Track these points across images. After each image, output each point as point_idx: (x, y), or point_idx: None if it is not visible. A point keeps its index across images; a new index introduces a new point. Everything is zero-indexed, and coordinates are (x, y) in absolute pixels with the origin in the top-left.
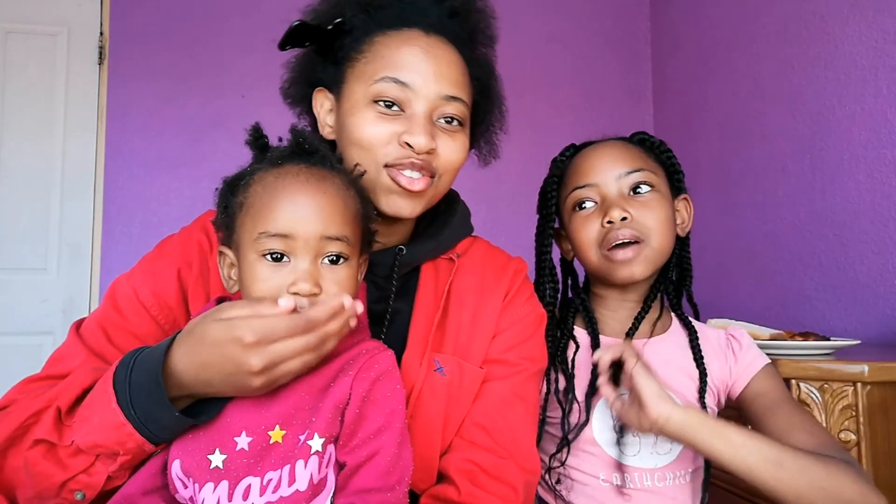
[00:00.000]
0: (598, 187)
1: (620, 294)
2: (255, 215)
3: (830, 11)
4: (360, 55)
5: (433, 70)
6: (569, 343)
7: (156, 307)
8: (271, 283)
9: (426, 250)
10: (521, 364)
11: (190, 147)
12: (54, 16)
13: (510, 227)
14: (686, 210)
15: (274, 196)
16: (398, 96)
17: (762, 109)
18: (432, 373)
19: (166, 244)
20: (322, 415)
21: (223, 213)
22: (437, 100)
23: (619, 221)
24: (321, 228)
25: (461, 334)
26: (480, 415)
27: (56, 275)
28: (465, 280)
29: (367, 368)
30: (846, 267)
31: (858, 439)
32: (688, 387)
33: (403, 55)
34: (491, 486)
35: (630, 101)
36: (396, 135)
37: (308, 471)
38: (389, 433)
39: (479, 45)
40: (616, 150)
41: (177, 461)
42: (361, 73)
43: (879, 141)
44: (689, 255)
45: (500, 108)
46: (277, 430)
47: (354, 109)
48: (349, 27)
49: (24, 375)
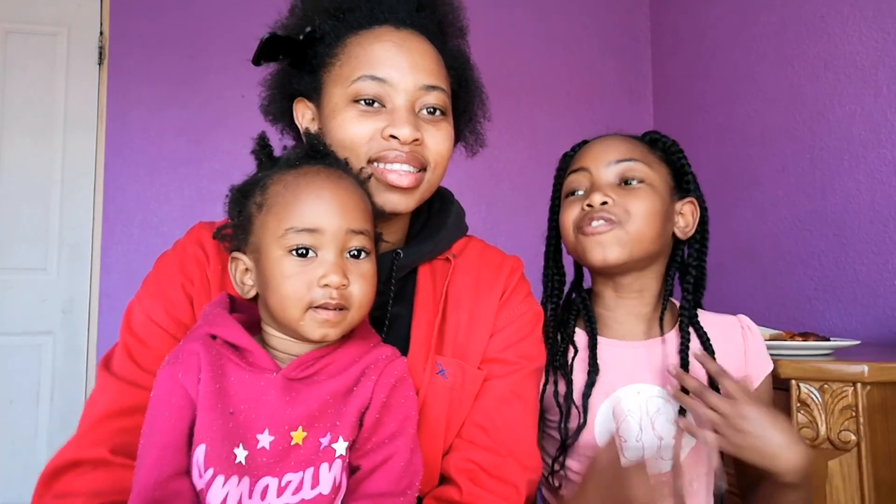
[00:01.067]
0: (588, 173)
1: (616, 291)
2: (279, 212)
3: (830, 11)
4: (334, 59)
5: (408, 62)
6: (568, 347)
7: (172, 325)
8: (301, 278)
9: (423, 252)
10: (518, 363)
11: (190, 147)
12: (54, 16)
13: (510, 227)
14: (691, 214)
15: (298, 193)
16: (377, 93)
17: (762, 109)
18: (435, 376)
19: (164, 262)
20: (346, 419)
21: (237, 217)
22: (416, 91)
23: (598, 205)
24: (347, 222)
25: (459, 335)
26: (479, 414)
27: (56, 275)
28: (461, 280)
29: (387, 374)
30: (846, 267)
31: (858, 439)
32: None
33: (377, 51)
34: (492, 485)
35: (630, 101)
36: (379, 130)
37: (332, 474)
38: (403, 438)
39: (451, 37)
40: (613, 141)
41: (202, 446)
42: (338, 76)
43: (879, 141)
44: (702, 262)
45: (481, 96)
46: (300, 432)
47: (335, 112)
48: (320, 34)
49: (24, 375)
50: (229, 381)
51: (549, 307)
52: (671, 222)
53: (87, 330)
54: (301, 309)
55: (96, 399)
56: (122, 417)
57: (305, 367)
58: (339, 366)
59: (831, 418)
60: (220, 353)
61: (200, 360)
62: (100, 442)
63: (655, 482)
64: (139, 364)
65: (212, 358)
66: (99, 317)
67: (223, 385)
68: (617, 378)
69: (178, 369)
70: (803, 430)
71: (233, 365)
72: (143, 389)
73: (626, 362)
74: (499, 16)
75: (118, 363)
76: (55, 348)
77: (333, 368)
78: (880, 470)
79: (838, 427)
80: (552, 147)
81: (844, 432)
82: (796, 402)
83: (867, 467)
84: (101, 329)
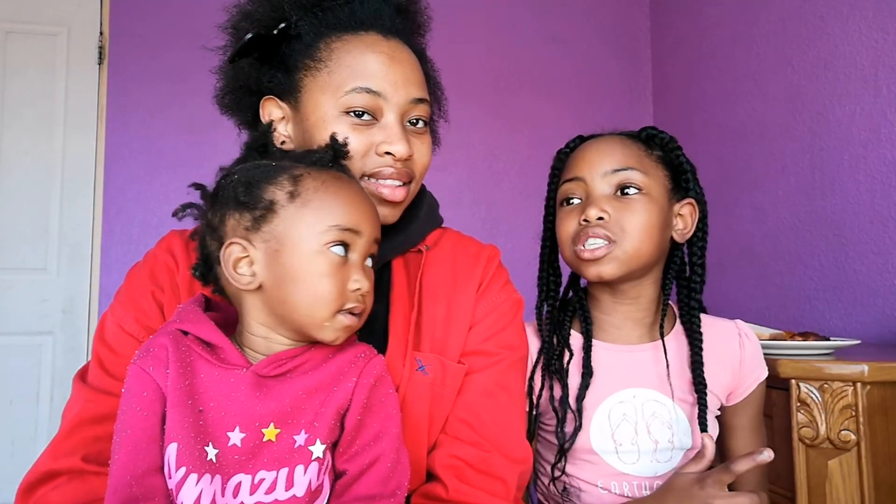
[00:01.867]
0: (583, 183)
1: (611, 296)
2: (319, 207)
3: (830, 11)
4: (318, 63)
5: (401, 76)
6: (564, 351)
7: (143, 333)
8: (336, 278)
9: (395, 245)
10: (500, 353)
11: (190, 147)
12: (54, 16)
13: (510, 227)
14: (690, 215)
15: (340, 193)
16: (370, 105)
17: (762, 109)
18: (414, 372)
19: (135, 273)
20: (325, 420)
21: (261, 206)
22: (406, 104)
23: (594, 220)
24: (377, 230)
25: (437, 329)
26: (463, 409)
27: (56, 275)
28: (436, 273)
29: (366, 374)
30: (846, 267)
31: (858, 439)
32: (687, 392)
33: (370, 63)
34: (478, 480)
35: (630, 100)
36: (374, 144)
37: (307, 477)
38: (388, 439)
39: (420, 38)
40: (609, 147)
41: (174, 444)
42: (326, 83)
43: (879, 141)
44: (701, 262)
45: (441, 97)
46: (272, 428)
47: (324, 122)
48: (296, 32)
49: (24, 375)
50: (199, 377)
51: (545, 309)
52: (669, 228)
53: (87, 330)
54: (332, 310)
55: (70, 409)
56: (94, 425)
57: (278, 364)
58: (314, 363)
59: (831, 418)
60: (190, 349)
61: (168, 355)
62: (72, 451)
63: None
64: (110, 373)
65: (180, 354)
66: (99, 317)
67: (192, 382)
68: (613, 382)
69: (149, 363)
70: (803, 430)
71: (202, 361)
72: (115, 397)
73: (623, 366)
74: (499, 15)
75: (91, 374)
76: (55, 348)
77: (307, 365)
78: (880, 470)
79: (838, 427)
80: (552, 147)
81: (844, 432)
82: (796, 402)
83: (867, 467)
84: None
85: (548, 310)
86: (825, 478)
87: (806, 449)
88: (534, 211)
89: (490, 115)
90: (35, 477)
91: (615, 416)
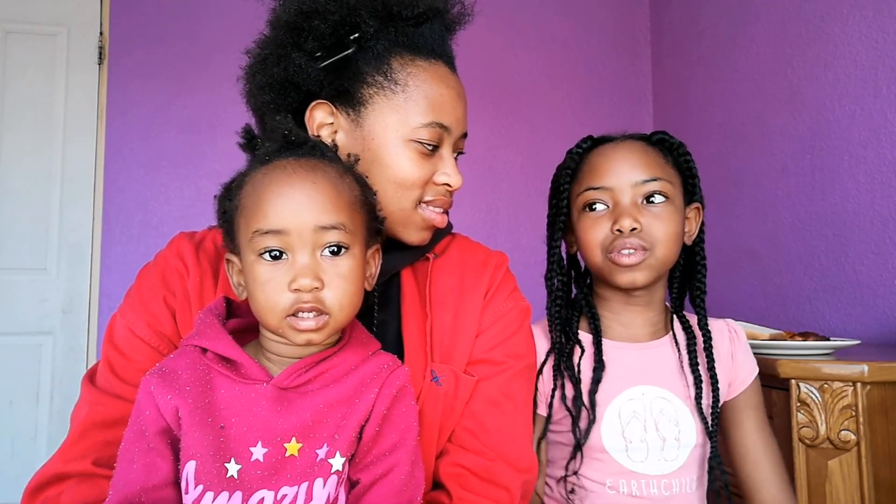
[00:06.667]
0: (611, 192)
1: (624, 298)
2: (247, 215)
3: (830, 11)
4: (393, 85)
5: (462, 113)
6: (574, 348)
7: (154, 338)
8: (273, 283)
9: (406, 255)
10: (506, 362)
11: (190, 147)
12: (54, 16)
13: (510, 228)
14: (695, 219)
15: (263, 193)
16: (438, 139)
17: (762, 109)
18: (430, 383)
19: (146, 275)
20: (346, 433)
21: (222, 218)
22: (459, 139)
23: (628, 231)
24: (313, 218)
25: (444, 338)
26: (469, 418)
27: (56, 275)
28: (444, 281)
29: (389, 385)
30: (846, 267)
31: (858, 439)
32: (692, 388)
33: (445, 98)
34: (482, 489)
35: (630, 101)
36: (431, 175)
37: (326, 490)
38: (404, 450)
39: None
40: (635, 155)
41: (192, 462)
42: (399, 107)
43: (879, 141)
44: (703, 264)
45: None
46: (294, 443)
47: (392, 145)
48: (369, 44)
49: (24, 375)
50: (219, 394)
51: (555, 310)
52: (683, 231)
53: (87, 330)
54: (278, 317)
55: (80, 412)
56: (105, 429)
57: (297, 375)
58: (336, 374)
59: (831, 418)
60: (209, 368)
61: (181, 379)
62: (83, 455)
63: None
64: (121, 377)
65: (199, 374)
66: (99, 317)
67: (212, 399)
68: (623, 379)
69: (152, 381)
70: (803, 430)
71: (222, 378)
72: (126, 402)
73: (631, 363)
74: (499, 16)
75: (101, 376)
76: (55, 348)
77: (329, 377)
78: (880, 470)
79: (838, 427)
80: (552, 147)
81: (844, 432)
82: (796, 402)
83: (867, 467)
84: (101, 329)
85: (557, 309)
86: (825, 478)
87: (806, 449)
88: (534, 211)
89: (490, 115)
90: (44, 478)
91: (625, 414)
